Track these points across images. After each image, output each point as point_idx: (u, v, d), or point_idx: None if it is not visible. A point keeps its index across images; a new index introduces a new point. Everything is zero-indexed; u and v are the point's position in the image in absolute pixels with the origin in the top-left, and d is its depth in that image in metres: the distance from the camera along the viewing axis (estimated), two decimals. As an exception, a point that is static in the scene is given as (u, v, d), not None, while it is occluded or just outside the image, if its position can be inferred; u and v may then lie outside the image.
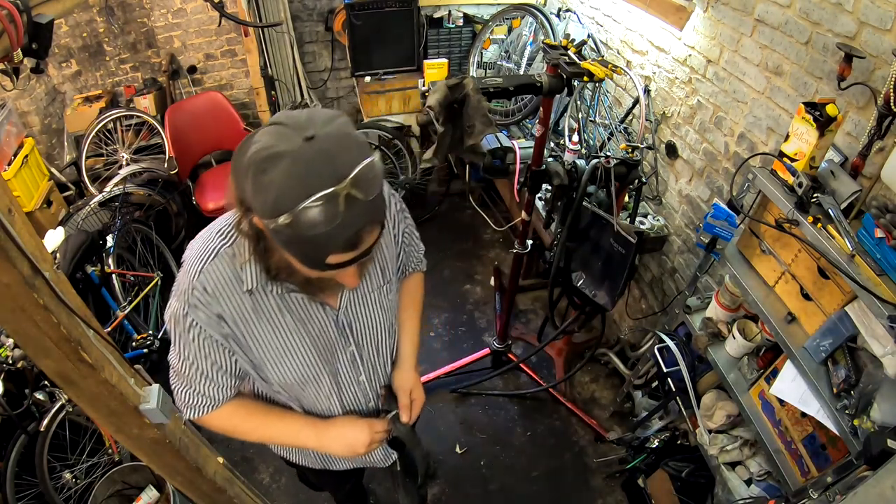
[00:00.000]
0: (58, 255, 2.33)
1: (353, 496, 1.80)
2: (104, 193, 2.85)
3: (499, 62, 3.26)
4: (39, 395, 1.94)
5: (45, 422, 1.91)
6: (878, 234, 1.16)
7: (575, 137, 2.41)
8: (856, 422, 1.20)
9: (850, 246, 1.19)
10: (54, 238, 2.33)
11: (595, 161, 1.83)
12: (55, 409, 1.93)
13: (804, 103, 1.31)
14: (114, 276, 2.53)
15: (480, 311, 3.13)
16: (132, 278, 2.68)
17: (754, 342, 1.65)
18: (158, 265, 2.91)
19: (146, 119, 3.36)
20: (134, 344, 2.43)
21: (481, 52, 3.36)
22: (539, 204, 2.48)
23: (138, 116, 3.35)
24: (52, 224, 2.69)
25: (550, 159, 1.96)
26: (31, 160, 2.80)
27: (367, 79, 3.40)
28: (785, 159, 1.39)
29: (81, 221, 2.72)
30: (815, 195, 1.29)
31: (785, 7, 1.62)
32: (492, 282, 3.24)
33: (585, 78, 1.70)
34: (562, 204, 1.97)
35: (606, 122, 2.61)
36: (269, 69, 3.55)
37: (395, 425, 1.20)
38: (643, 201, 2.38)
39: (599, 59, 1.94)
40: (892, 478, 0.98)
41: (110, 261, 2.54)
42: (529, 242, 2.22)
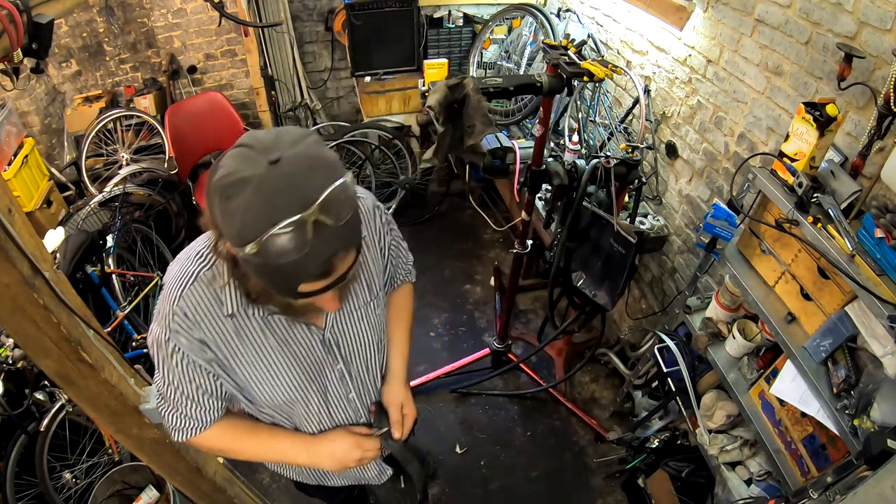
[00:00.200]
0: (58, 255, 2.33)
1: (352, 500, 1.80)
2: (104, 193, 2.85)
3: (499, 62, 3.26)
4: (39, 395, 1.93)
5: (45, 422, 1.91)
6: (878, 234, 1.16)
7: (575, 137, 2.41)
8: (856, 422, 1.20)
9: (850, 246, 1.19)
10: (54, 238, 2.32)
11: (595, 161, 1.83)
12: (55, 409, 1.93)
13: (804, 103, 1.31)
14: (114, 276, 2.52)
15: (480, 311, 3.13)
16: (132, 278, 2.68)
17: (754, 342, 1.65)
18: (158, 265, 2.90)
19: (146, 119, 3.37)
20: (134, 344, 2.43)
21: (481, 52, 3.36)
22: (539, 204, 2.48)
23: (138, 116, 3.35)
24: (52, 224, 2.69)
25: (550, 159, 1.96)
26: (31, 160, 2.80)
27: (367, 79, 3.40)
28: (785, 159, 1.39)
29: (81, 221, 2.72)
30: (815, 195, 1.29)
31: (785, 7, 1.62)
32: (492, 282, 3.24)
33: (585, 78, 1.70)
34: (562, 204, 1.97)
35: (606, 122, 2.61)
36: (269, 69, 3.55)
37: (388, 442, 1.18)
38: (643, 201, 2.38)
39: (599, 59, 1.94)
40: (892, 478, 0.98)
41: (110, 261, 2.54)
42: (529, 242, 2.22)
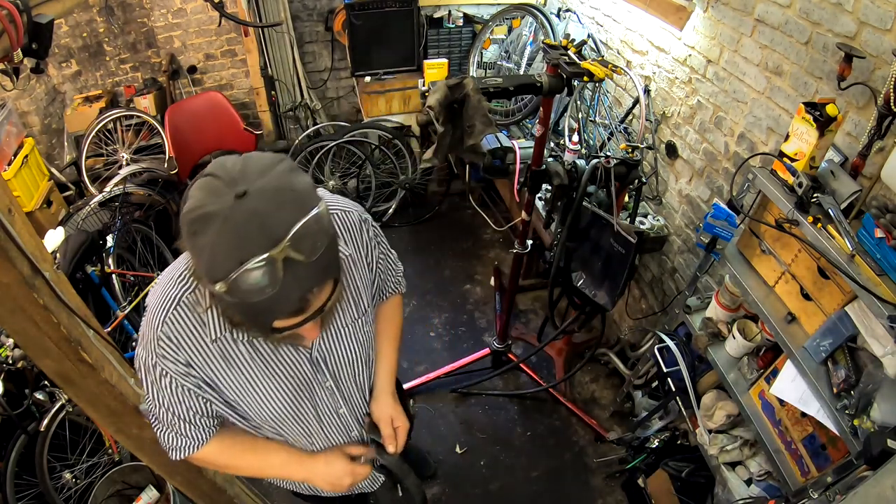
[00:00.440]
0: (58, 255, 2.32)
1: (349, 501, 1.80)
2: (104, 193, 2.85)
3: (499, 62, 3.26)
4: (39, 395, 1.93)
5: (45, 422, 1.91)
6: (878, 234, 1.16)
7: (575, 137, 2.41)
8: (856, 422, 1.20)
9: (850, 246, 1.19)
10: (54, 238, 2.32)
11: (595, 161, 1.83)
12: (55, 409, 1.93)
13: (804, 103, 1.31)
14: (114, 276, 2.53)
15: (480, 311, 3.13)
16: (132, 278, 2.68)
17: (754, 342, 1.65)
18: (158, 265, 2.90)
19: (146, 119, 3.37)
20: (134, 344, 2.43)
21: (481, 52, 3.36)
22: (539, 204, 2.48)
23: (138, 116, 3.35)
24: (52, 224, 2.69)
25: (550, 159, 1.96)
26: (31, 160, 2.80)
27: (367, 79, 3.40)
28: (785, 159, 1.39)
29: (81, 221, 2.72)
30: (815, 195, 1.29)
31: (785, 7, 1.62)
32: (492, 282, 3.24)
33: (585, 78, 1.70)
34: (562, 204, 1.97)
35: (606, 122, 2.61)
36: (269, 69, 3.55)
37: (382, 456, 1.17)
38: (643, 201, 2.38)
39: (599, 59, 1.94)
40: (892, 478, 0.98)
41: (110, 261, 2.54)
42: (529, 242, 2.22)
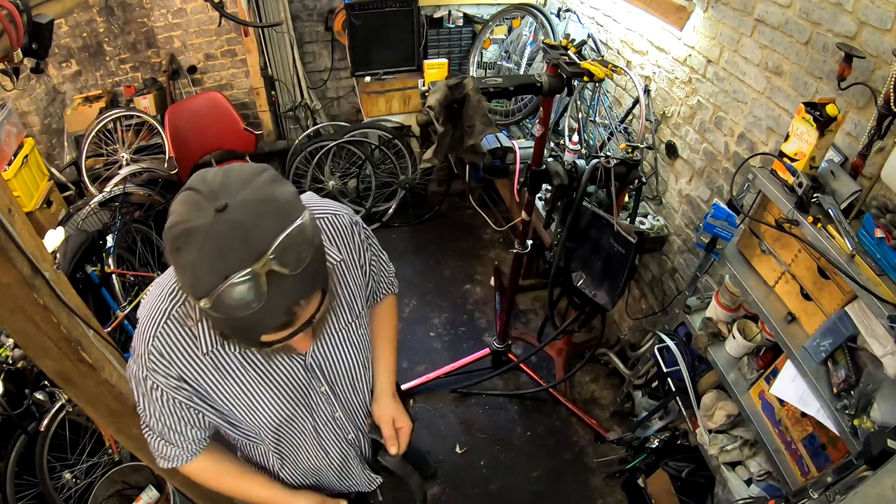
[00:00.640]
0: (58, 255, 2.32)
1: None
2: (104, 193, 2.85)
3: (499, 62, 3.26)
4: (39, 395, 1.93)
5: (45, 422, 1.91)
6: (878, 234, 1.16)
7: (575, 137, 2.41)
8: (856, 422, 1.20)
9: (850, 246, 1.19)
10: (54, 238, 2.32)
11: (595, 161, 1.83)
12: (55, 409, 1.93)
13: (804, 103, 1.31)
14: (114, 276, 2.52)
15: (480, 311, 3.13)
16: (132, 278, 2.68)
17: (754, 342, 1.65)
18: (158, 265, 2.90)
19: (146, 119, 3.37)
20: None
21: (481, 52, 3.36)
22: (539, 204, 2.48)
23: (138, 116, 3.35)
24: (52, 224, 2.69)
25: (550, 159, 1.96)
26: (31, 160, 2.80)
27: (367, 79, 3.40)
28: (785, 159, 1.39)
29: (81, 221, 2.72)
30: (815, 195, 1.29)
31: (785, 7, 1.62)
32: (492, 282, 3.24)
33: (585, 78, 1.70)
34: (562, 204, 1.97)
35: (606, 122, 2.61)
36: (269, 69, 3.55)
37: (384, 458, 1.17)
38: (643, 201, 2.38)
39: (599, 59, 1.94)
40: (892, 478, 0.98)
41: (110, 261, 2.54)
42: (529, 242, 2.22)
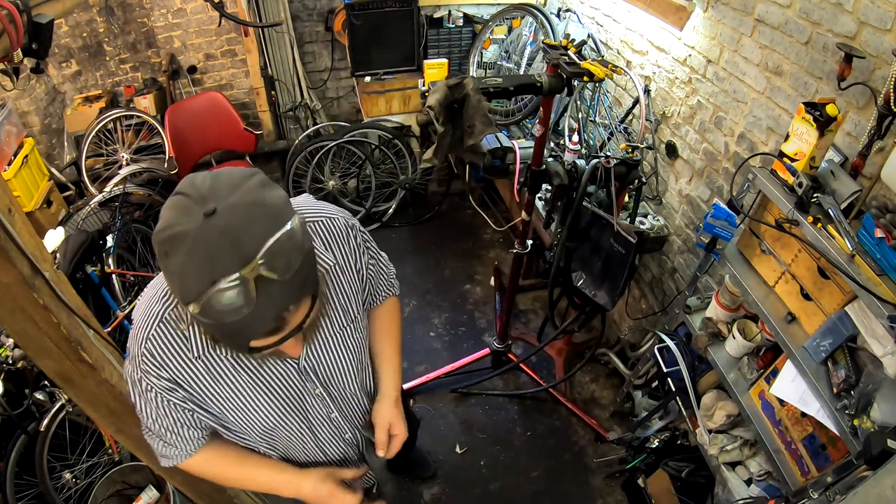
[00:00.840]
0: (58, 255, 2.32)
1: None
2: (104, 193, 2.85)
3: (499, 62, 3.26)
4: (39, 395, 1.93)
5: (45, 422, 1.91)
6: (878, 234, 1.16)
7: (575, 137, 2.41)
8: (856, 422, 1.20)
9: (850, 246, 1.19)
10: (54, 238, 2.32)
11: (595, 161, 1.83)
12: (55, 409, 1.93)
13: (804, 103, 1.31)
14: (114, 276, 2.52)
15: (480, 311, 3.13)
16: (132, 278, 2.68)
17: (754, 342, 1.65)
18: (158, 265, 2.90)
19: (146, 119, 3.37)
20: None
21: (481, 52, 3.36)
22: (539, 204, 2.48)
23: (138, 116, 3.36)
24: (52, 224, 2.69)
25: (550, 159, 1.96)
26: (31, 160, 2.80)
27: (367, 79, 3.40)
28: (785, 159, 1.39)
29: (81, 221, 2.72)
30: (815, 195, 1.29)
31: (785, 7, 1.62)
32: (492, 282, 3.24)
33: (585, 78, 1.70)
34: (562, 204, 1.97)
35: (606, 122, 2.61)
36: (269, 69, 3.56)
37: (370, 455, 1.17)
38: (643, 201, 2.38)
39: (599, 59, 1.94)
40: (892, 478, 0.98)
41: (110, 261, 2.54)
42: (529, 242, 2.22)
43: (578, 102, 2.67)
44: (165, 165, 3.21)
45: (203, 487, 1.45)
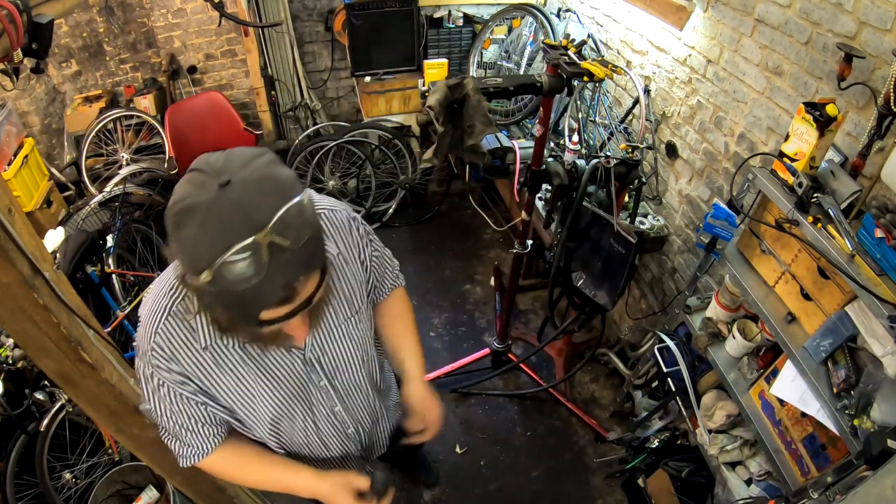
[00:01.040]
0: (58, 255, 2.32)
1: None
2: (104, 193, 2.85)
3: (499, 62, 3.26)
4: (39, 395, 1.94)
5: (45, 422, 1.91)
6: (878, 234, 1.16)
7: (575, 137, 2.41)
8: (856, 422, 1.20)
9: (850, 246, 1.19)
10: (54, 238, 2.32)
11: (595, 161, 1.83)
12: (55, 409, 1.93)
13: (804, 103, 1.31)
14: (114, 276, 2.52)
15: (480, 311, 3.13)
16: (132, 278, 2.68)
17: (754, 342, 1.65)
18: (158, 265, 2.90)
19: (146, 119, 3.37)
20: (134, 344, 2.42)
21: (481, 52, 3.36)
22: (539, 204, 2.48)
23: (138, 116, 3.36)
24: (52, 224, 2.69)
25: (550, 159, 1.96)
26: (31, 160, 2.80)
27: (367, 79, 3.40)
28: (785, 159, 1.39)
29: (81, 221, 2.72)
30: (815, 195, 1.29)
31: (785, 7, 1.62)
32: (492, 282, 3.24)
33: (585, 78, 1.70)
34: (562, 204, 1.97)
35: (606, 122, 2.61)
36: (269, 69, 3.55)
37: (375, 475, 1.15)
38: (643, 201, 2.38)
39: (599, 59, 1.94)
40: (892, 478, 0.98)
41: (110, 261, 2.54)
42: (529, 242, 2.22)
43: (578, 102, 2.67)
44: (165, 165, 3.22)
45: (203, 487, 1.45)
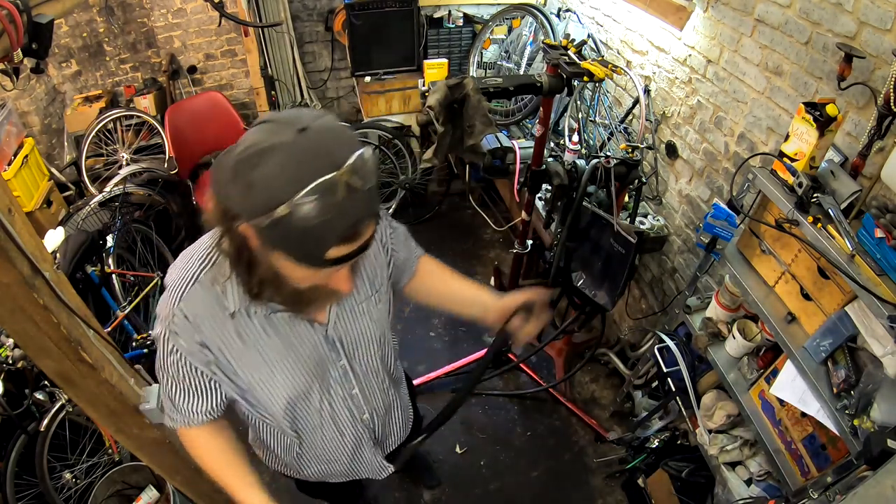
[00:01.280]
0: (58, 255, 2.32)
1: (352, 497, 1.81)
2: (104, 193, 2.85)
3: (499, 62, 3.26)
4: (39, 395, 1.93)
5: (45, 422, 1.91)
6: (878, 234, 1.16)
7: (575, 137, 2.41)
8: (856, 422, 1.20)
9: (850, 246, 1.19)
10: (54, 238, 2.32)
11: (595, 161, 1.83)
12: (55, 409, 1.93)
13: (804, 103, 1.31)
14: (114, 276, 2.52)
15: (480, 311, 3.12)
16: (132, 278, 2.68)
17: (754, 342, 1.65)
18: (158, 265, 2.90)
19: (146, 119, 3.37)
20: (134, 344, 2.43)
21: (481, 52, 3.36)
22: (539, 204, 2.48)
23: (138, 116, 3.35)
24: (52, 224, 2.69)
25: (550, 159, 1.96)
26: (31, 160, 2.80)
27: (367, 79, 3.40)
28: (785, 159, 1.39)
29: (81, 221, 2.72)
30: (815, 195, 1.29)
31: (785, 7, 1.62)
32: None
33: (585, 78, 1.70)
34: (562, 204, 1.97)
35: (606, 122, 2.61)
36: (269, 69, 3.55)
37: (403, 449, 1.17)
38: (643, 201, 2.38)
39: (599, 59, 1.94)
40: (892, 478, 0.98)
41: (110, 261, 2.54)
42: (529, 242, 2.22)
43: (578, 102, 2.67)
44: (165, 165, 3.21)
45: (203, 487, 1.45)
